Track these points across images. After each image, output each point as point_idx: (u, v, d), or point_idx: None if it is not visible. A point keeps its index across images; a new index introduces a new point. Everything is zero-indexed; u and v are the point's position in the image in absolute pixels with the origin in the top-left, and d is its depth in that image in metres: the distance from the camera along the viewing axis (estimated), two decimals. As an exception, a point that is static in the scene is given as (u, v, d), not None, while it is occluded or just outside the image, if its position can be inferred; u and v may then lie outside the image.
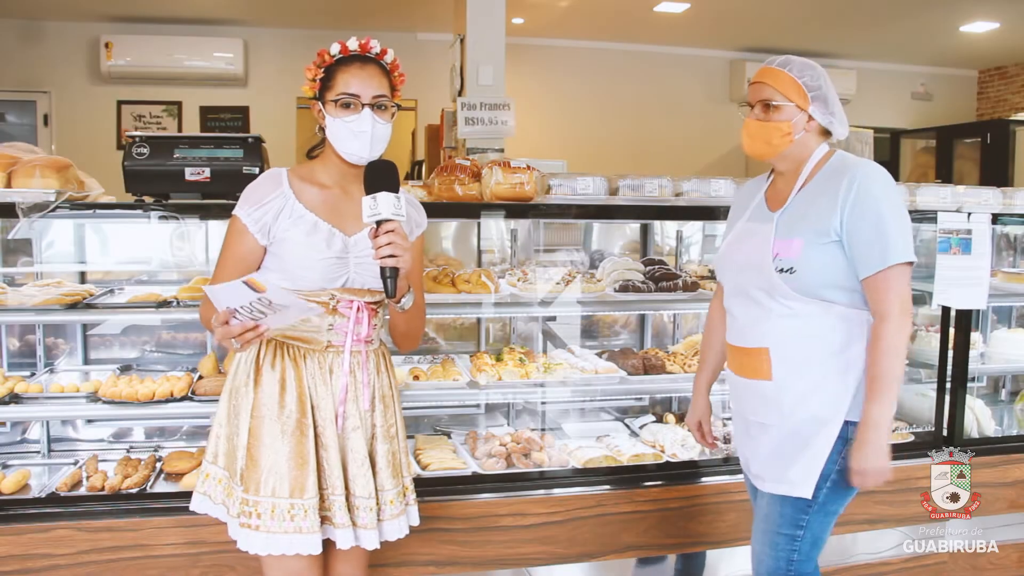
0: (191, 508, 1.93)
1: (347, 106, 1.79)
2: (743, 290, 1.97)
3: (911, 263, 1.81)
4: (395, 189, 1.72)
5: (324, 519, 1.82)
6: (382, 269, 1.72)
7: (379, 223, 1.70)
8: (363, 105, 1.79)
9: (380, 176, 1.72)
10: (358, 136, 1.79)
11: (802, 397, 1.89)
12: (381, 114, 1.81)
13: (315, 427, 1.83)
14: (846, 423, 1.87)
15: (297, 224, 1.81)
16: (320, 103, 1.84)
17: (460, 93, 6.08)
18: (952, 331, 2.93)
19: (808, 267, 1.85)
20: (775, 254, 1.88)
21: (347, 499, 1.83)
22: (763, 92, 1.92)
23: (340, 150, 1.83)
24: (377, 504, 1.87)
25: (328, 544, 1.84)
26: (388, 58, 1.86)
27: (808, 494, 1.87)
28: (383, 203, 1.68)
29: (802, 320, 1.87)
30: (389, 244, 1.68)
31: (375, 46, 1.83)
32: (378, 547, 1.86)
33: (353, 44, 1.81)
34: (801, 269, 1.85)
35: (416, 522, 1.99)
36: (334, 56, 1.81)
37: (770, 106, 1.91)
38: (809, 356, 1.89)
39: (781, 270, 1.87)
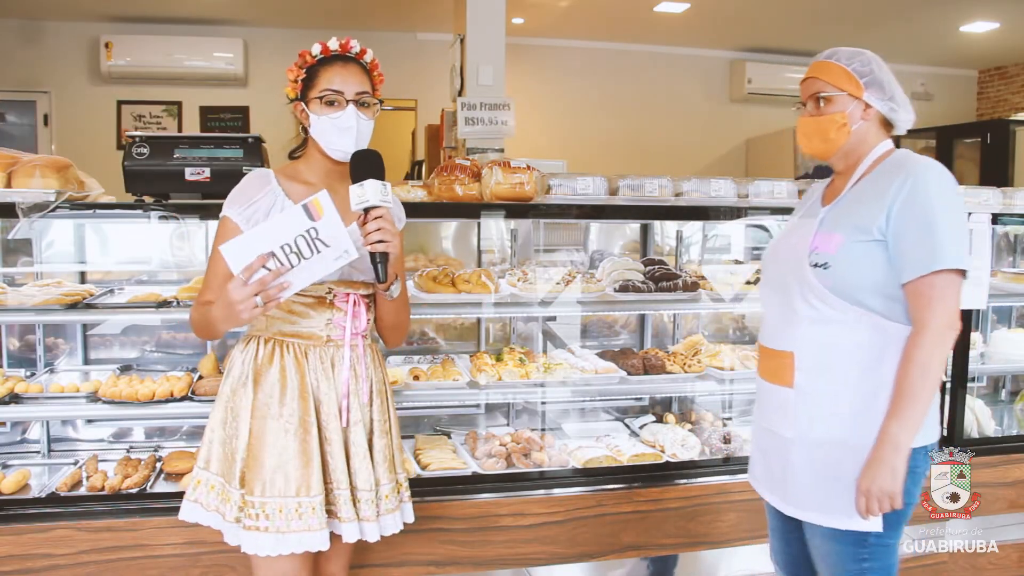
0: (180, 517, 1.90)
1: (331, 103, 1.83)
2: (780, 283, 1.87)
3: (962, 272, 1.66)
4: (381, 177, 1.76)
5: (328, 513, 1.83)
6: (372, 255, 1.76)
7: (367, 210, 1.73)
8: (347, 101, 1.83)
9: (366, 164, 1.77)
10: (344, 132, 1.83)
11: (821, 413, 1.77)
12: (364, 111, 1.86)
13: (318, 423, 1.84)
14: None
15: None
16: (303, 103, 1.87)
17: (460, 93, 6.08)
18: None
19: (843, 264, 1.73)
20: (813, 247, 1.78)
21: (351, 493, 1.85)
22: (814, 86, 1.83)
23: (326, 147, 1.86)
24: (376, 497, 1.89)
25: None
26: (368, 58, 1.91)
27: (861, 527, 1.71)
28: (371, 190, 1.72)
29: (831, 328, 1.75)
30: (378, 230, 1.72)
31: (355, 46, 1.87)
32: (378, 539, 1.87)
33: (334, 44, 1.85)
34: (836, 265, 1.73)
35: (411, 519, 1.99)
36: (315, 56, 1.86)
37: (822, 99, 1.81)
38: (834, 368, 1.76)
39: (815, 264, 1.76)
